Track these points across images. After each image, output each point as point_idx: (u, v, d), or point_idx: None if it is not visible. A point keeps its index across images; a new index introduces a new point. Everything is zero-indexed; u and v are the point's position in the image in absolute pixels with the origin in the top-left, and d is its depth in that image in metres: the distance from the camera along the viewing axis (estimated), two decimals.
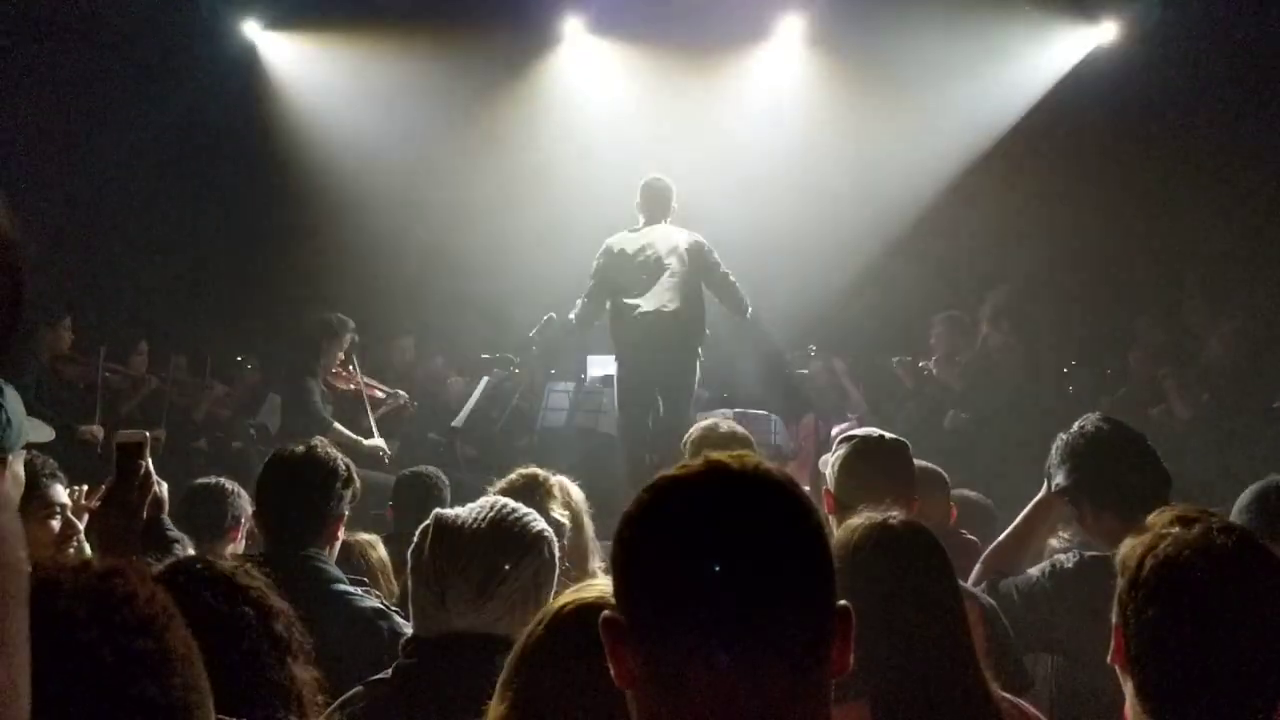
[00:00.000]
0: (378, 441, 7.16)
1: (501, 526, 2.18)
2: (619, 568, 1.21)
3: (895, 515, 2.18)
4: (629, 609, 1.18)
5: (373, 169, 10.57)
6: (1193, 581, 1.66)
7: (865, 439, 3.22)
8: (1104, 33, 10.04)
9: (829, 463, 3.22)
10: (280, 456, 3.26)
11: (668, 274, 6.75)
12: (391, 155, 10.50)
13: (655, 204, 6.99)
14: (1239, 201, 9.64)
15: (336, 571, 3.08)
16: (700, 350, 6.97)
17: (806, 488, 4.65)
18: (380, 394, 7.40)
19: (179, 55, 9.77)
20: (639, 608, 1.17)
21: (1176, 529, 1.71)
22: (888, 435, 3.28)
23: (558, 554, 2.23)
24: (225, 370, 8.68)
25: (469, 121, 10.38)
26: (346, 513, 3.23)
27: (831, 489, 3.16)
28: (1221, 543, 1.69)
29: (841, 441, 3.27)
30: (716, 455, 1.21)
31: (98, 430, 6.90)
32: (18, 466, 3.38)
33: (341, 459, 3.24)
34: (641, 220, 7.00)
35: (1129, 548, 1.75)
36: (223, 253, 10.31)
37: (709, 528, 1.14)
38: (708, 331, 6.99)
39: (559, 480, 3.49)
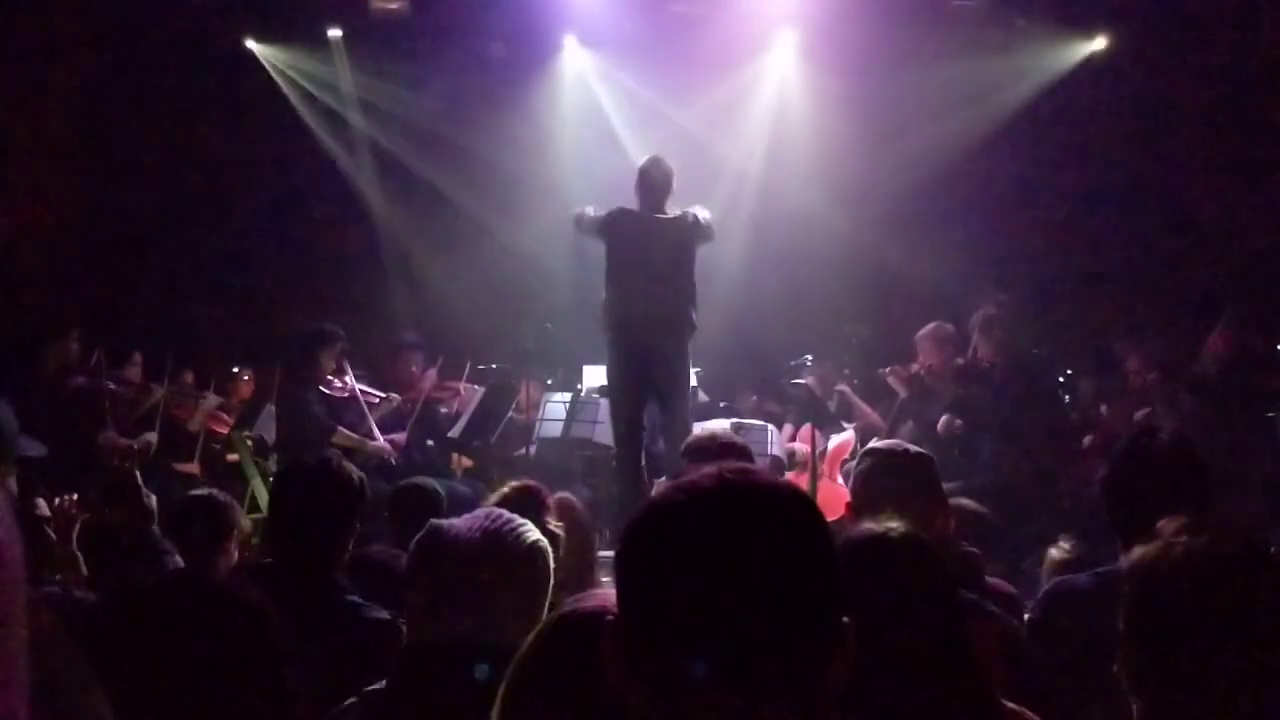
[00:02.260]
0: (381, 443, 7.14)
1: (495, 537, 2.18)
2: (624, 574, 1.20)
3: (894, 527, 2.16)
4: (631, 617, 1.17)
5: (371, 180, 10.60)
6: (1199, 591, 1.65)
7: (889, 451, 3.19)
8: (1095, 43, 10.10)
9: (851, 473, 3.20)
10: (295, 468, 3.30)
11: (663, 271, 6.66)
12: (390, 166, 10.53)
13: (655, 188, 6.80)
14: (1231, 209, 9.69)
15: (346, 583, 3.10)
16: (690, 349, 6.86)
17: None
18: (375, 399, 7.42)
19: (177, 61, 9.78)
20: (640, 616, 1.16)
21: (1184, 538, 1.71)
22: (912, 448, 3.25)
23: (552, 565, 2.22)
24: (220, 381, 8.64)
25: (464, 132, 10.40)
26: (358, 526, 3.23)
27: (851, 500, 3.14)
28: (1228, 552, 1.68)
29: (865, 454, 3.26)
30: (729, 468, 1.19)
31: (114, 435, 6.92)
32: (11, 481, 3.38)
33: (356, 473, 3.26)
34: (639, 204, 6.82)
35: (1137, 557, 1.74)
36: (218, 261, 10.30)
37: (717, 543, 1.13)
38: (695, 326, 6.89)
39: (562, 496, 3.48)
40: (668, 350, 6.67)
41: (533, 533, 2.22)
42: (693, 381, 7.08)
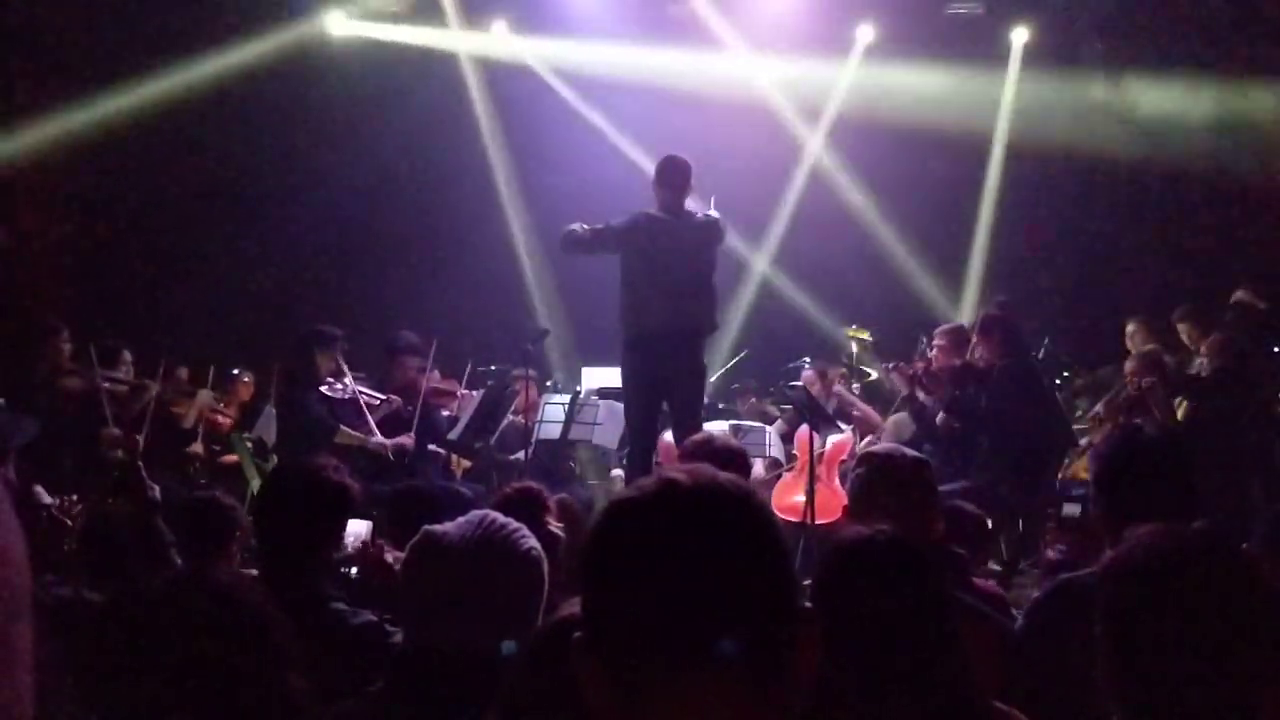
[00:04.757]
0: (382, 439, 7.19)
1: (489, 543, 2.18)
2: (581, 589, 1.23)
3: (882, 530, 2.19)
4: (592, 629, 1.19)
5: (378, 185, 10.64)
6: (1168, 593, 1.67)
7: (887, 456, 3.22)
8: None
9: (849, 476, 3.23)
10: (281, 473, 3.24)
11: (686, 279, 6.47)
12: (399, 170, 10.58)
13: (675, 187, 6.54)
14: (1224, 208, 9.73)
15: (331, 589, 3.09)
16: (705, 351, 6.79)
17: (800, 498, 4.72)
18: (375, 401, 7.43)
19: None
20: (599, 628, 1.18)
21: (1153, 541, 1.74)
22: (909, 453, 3.28)
23: (546, 569, 2.23)
24: (219, 382, 8.65)
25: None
26: (345, 533, 3.20)
27: (849, 504, 3.17)
28: (1195, 550, 1.71)
29: (862, 458, 3.29)
30: (672, 471, 1.21)
31: (114, 430, 6.93)
32: (9, 470, 3.39)
33: (340, 479, 3.20)
34: (659, 202, 6.56)
35: (1107, 560, 1.77)
36: (217, 261, 10.32)
37: (659, 545, 1.15)
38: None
39: (562, 497, 3.51)
40: (687, 358, 6.53)
41: (528, 538, 2.23)
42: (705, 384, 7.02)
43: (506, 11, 10.46)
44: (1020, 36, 10.31)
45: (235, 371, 8.88)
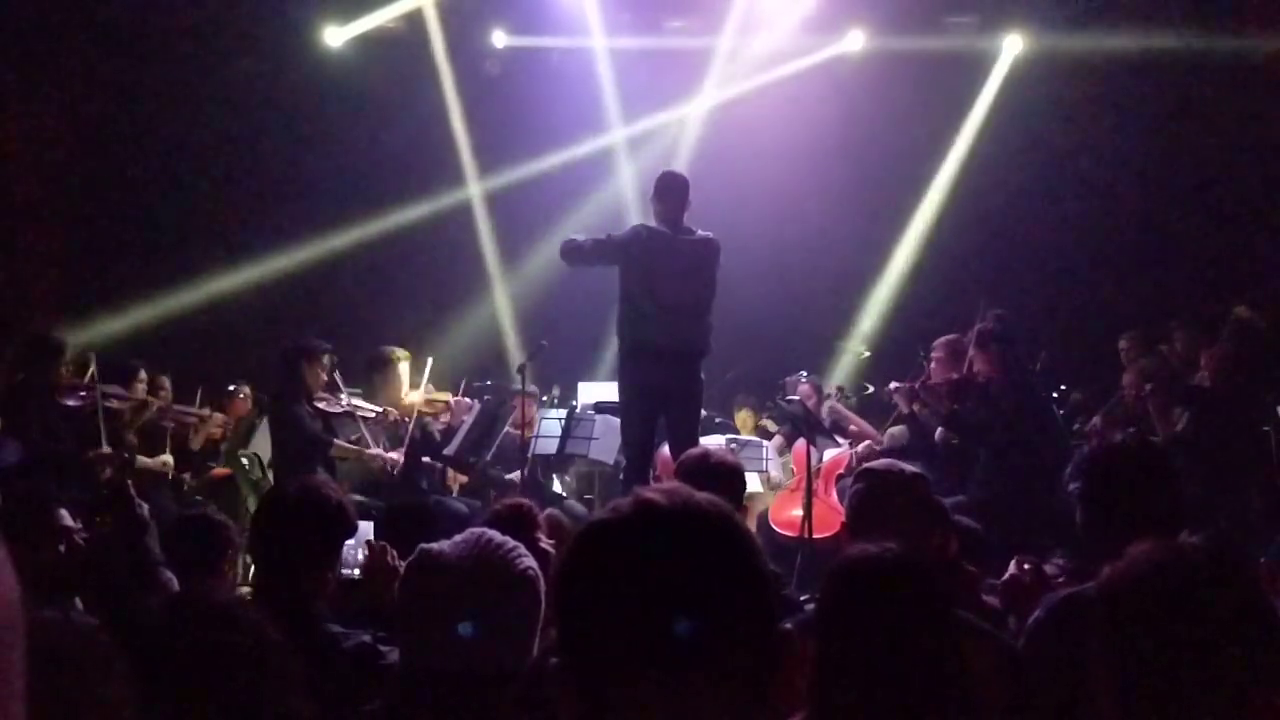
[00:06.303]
0: (378, 451, 7.16)
1: (486, 563, 2.16)
2: (555, 614, 1.21)
3: (889, 548, 2.17)
4: (568, 654, 1.18)
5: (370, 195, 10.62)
6: (1166, 608, 1.67)
7: (884, 472, 3.21)
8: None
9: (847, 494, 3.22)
10: (276, 494, 3.23)
11: (686, 297, 6.43)
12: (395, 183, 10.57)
13: (674, 200, 6.52)
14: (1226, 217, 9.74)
15: (325, 611, 3.07)
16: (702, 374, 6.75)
17: (798, 512, 4.70)
18: (370, 414, 7.40)
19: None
20: (576, 653, 1.17)
21: (1149, 558, 1.73)
22: (906, 468, 3.26)
23: (543, 588, 2.20)
24: (217, 398, 8.62)
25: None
26: (342, 553, 3.18)
27: (846, 520, 3.16)
28: (1194, 567, 1.70)
29: (860, 474, 3.28)
30: (647, 491, 1.20)
31: (107, 451, 6.90)
32: None
33: (342, 499, 3.17)
34: (658, 217, 6.55)
35: (1104, 576, 1.76)
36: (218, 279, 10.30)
37: (635, 567, 1.14)
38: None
39: (549, 513, 3.49)
40: (684, 376, 6.49)
41: (525, 557, 2.20)
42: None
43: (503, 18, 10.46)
44: (1013, 45, 10.28)
45: (231, 387, 8.85)
